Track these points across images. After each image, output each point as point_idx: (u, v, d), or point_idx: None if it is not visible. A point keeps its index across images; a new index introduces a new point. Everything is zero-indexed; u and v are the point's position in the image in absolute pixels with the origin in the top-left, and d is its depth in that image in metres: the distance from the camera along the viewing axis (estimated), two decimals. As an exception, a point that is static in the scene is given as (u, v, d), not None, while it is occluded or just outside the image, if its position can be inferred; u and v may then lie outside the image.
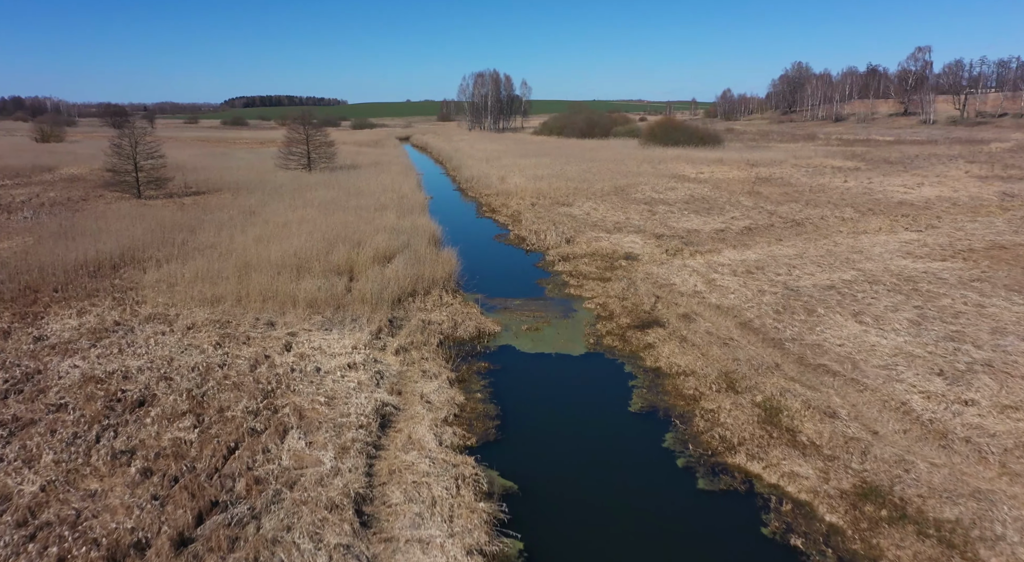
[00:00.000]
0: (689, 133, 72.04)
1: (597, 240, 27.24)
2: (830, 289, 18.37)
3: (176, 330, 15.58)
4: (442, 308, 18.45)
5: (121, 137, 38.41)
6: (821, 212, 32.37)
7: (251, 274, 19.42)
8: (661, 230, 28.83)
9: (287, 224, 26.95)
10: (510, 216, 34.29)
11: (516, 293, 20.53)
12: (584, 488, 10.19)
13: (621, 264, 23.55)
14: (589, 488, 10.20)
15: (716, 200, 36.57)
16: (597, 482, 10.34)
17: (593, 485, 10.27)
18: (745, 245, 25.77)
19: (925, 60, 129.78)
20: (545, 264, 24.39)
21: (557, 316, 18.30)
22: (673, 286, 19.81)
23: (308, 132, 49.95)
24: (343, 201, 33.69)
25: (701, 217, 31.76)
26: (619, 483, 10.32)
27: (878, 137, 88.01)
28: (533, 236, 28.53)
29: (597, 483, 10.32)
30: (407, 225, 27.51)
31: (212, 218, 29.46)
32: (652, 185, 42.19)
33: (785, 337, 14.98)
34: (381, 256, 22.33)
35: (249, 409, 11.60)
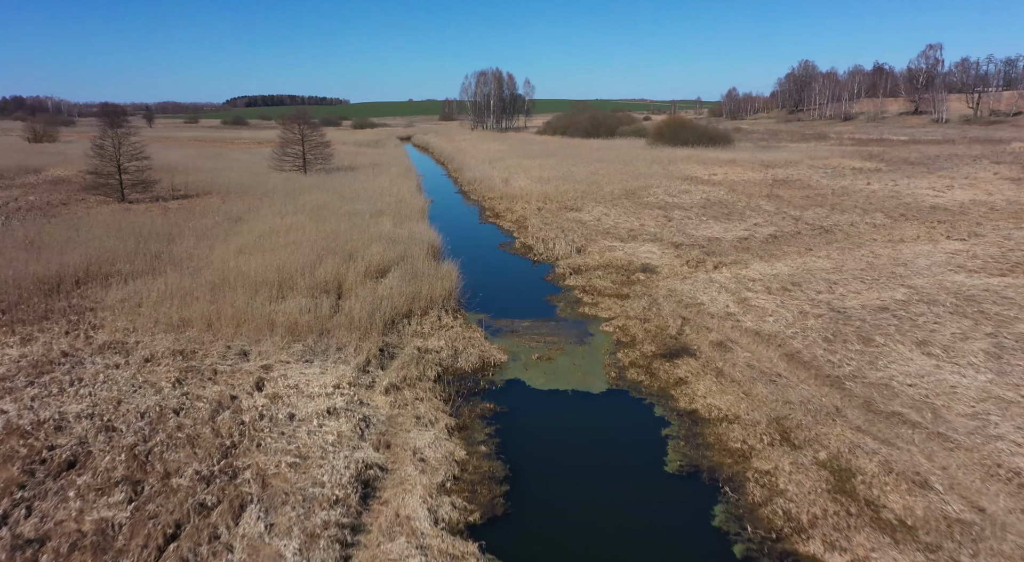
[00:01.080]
0: (698, 133, 69.75)
1: (611, 250, 25.02)
2: (883, 311, 16.13)
3: (132, 363, 13.42)
4: (441, 332, 16.27)
5: (103, 138, 36.31)
6: (850, 218, 30.09)
7: (227, 292, 17.27)
8: (679, 238, 26.60)
9: (274, 233, 24.79)
10: (515, 222, 32.10)
11: (524, 312, 18.34)
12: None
13: (639, 278, 21.34)
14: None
15: (735, 204, 34.32)
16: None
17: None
18: (773, 256, 23.53)
19: (936, 58, 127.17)
20: (555, 277, 22.18)
21: (571, 341, 16.10)
22: (701, 306, 17.58)
23: (303, 132, 47.81)
24: (336, 206, 31.53)
25: (721, 223, 29.52)
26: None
27: (892, 136, 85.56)
28: (541, 245, 26.33)
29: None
30: (404, 233, 25.33)
31: (195, 225, 27.34)
32: (665, 188, 39.94)
33: (843, 374, 12.76)
34: (374, 270, 20.16)
35: (201, 474, 9.42)
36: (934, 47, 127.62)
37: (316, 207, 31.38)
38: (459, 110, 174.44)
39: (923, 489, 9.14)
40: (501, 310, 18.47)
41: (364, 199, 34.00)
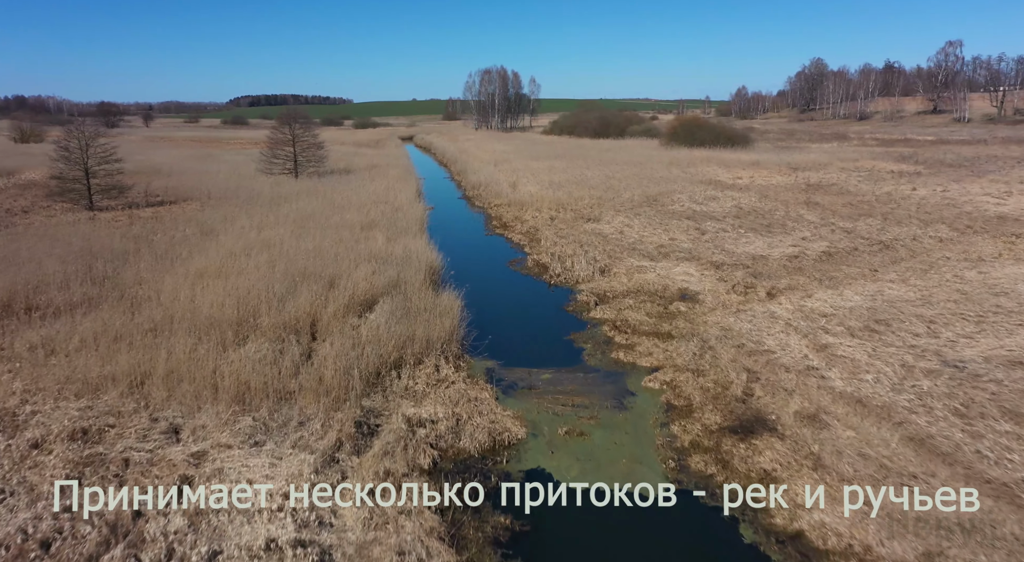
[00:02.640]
0: (715, 133, 65.97)
1: (640, 271, 21.33)
2: (1017, 366, 12.39)
3: (15, 448, 9.81)
4: (439, 390, 12.63)
5: (68, 139, 32.79)
6: (909, 230, 26.32)
7: (171, 335, 13.67)
8: (718, 256, 22.87)
9: (246, 251, 21.18)
10: (526, 234, 28.43)
11: (543, 358, 14.69)
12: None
13: (680, 309, 17.64)
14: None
15: (772, 213, 30.57)
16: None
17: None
18: (834, 279, 19.81)
19: (956, 55, 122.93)
20: (577, 307, 18.50)
21: (608, 404, 12.43)
22: (769, 353, 13.88)
23: (295, 132, 44.22)
24: (324, 216, 27.92)
25: (762, 237, 25.78)
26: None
27: (916, 136, 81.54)
28: (557, 264, 22.64)
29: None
30: (398, 251, 21.68)
31: (160, 240, 23.80)
32: (689, 194, 36.19)
33: (1012, 478, 9.04)
34: (359, 301, 16.53)
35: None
36: (954, 44, 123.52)
37: (301, 217, 27.77)
38: (463, 109, 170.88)
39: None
40: (514, 354, 14.82)
41: (356, 207, 30.37)
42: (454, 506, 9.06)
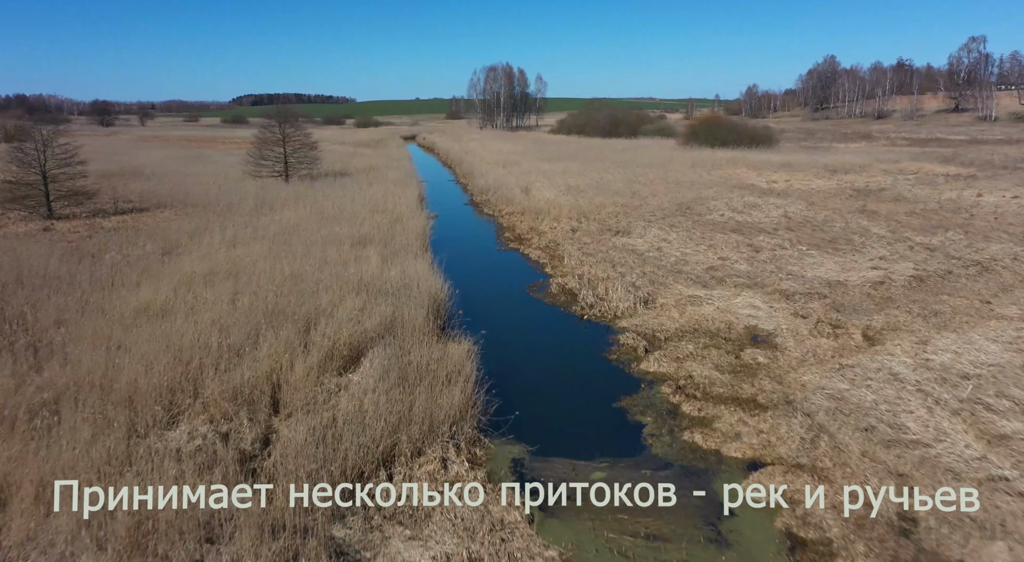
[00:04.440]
0: (738, 132, 61.78)
1: (693, 301, 17.25)
2: None
3: None
4: (447, 510, 8.60)
5: (21, 139, 28.90)
6: (1004, 248, 22.15)
7: (70, 413, 9.67)
8: (786, 282, 18.76)
9: (209, 276, 17.20)
10: (545, 249, 24.38)
11: (590, 441, 10.63)
12: None
13: (757, 360, 13.56)
14: None
15: (828, 225, 26.44)
16: None
17: None
18: (941, 315, 15.68)
19: (980, 51, 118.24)
20: (622, 354, 14.42)
21: (698, 535, 8.37)
22: (918, 446, 9.77)
23: (285, 131, 40.24)
24: (310, 230, 23.91)
25: (830, 256, 21.65)
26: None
27: (947, 136, 77.15)
28: (587, 290, 18.56)
29: None
30: (396, 276, 17.64)
31: (110, 259, 19.83)
32: (725, 200, 32.08)
33: None
34: (342, 354, 12.51)
35: None
36: (977, 40, 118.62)
37: (283, 230, 23.76)
38: (466, 108, 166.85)
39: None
40: (550, 434, 10.78)
41: (349, 218, 26.35)
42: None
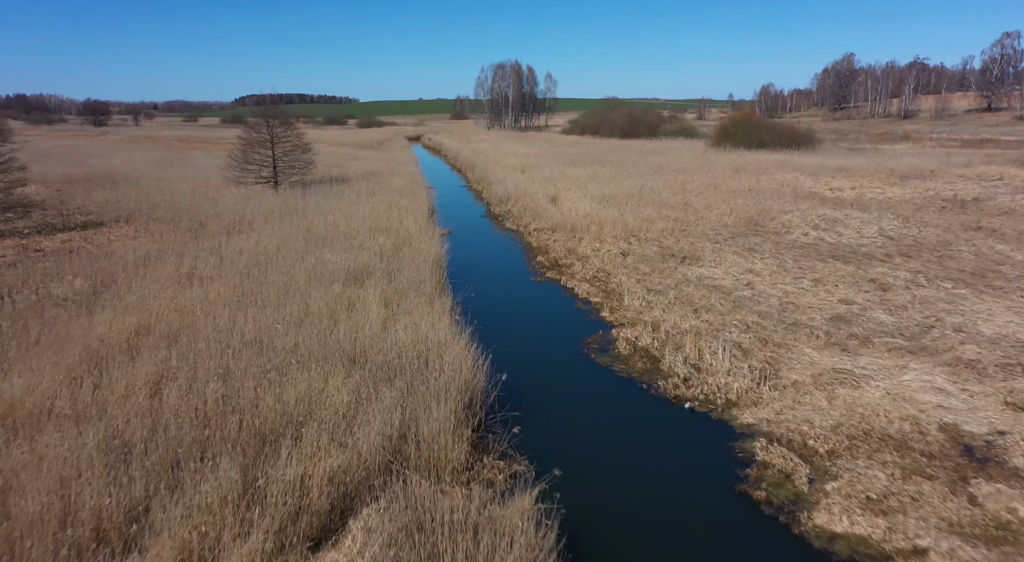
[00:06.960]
0: (776, 133, 56.30)
1: (843, 380, 11.80)
2: None
3: None
4: None
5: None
6: None
7: None
8: (967, 347, 13.26)
9: (135, 341, 11.87)
10: (593, 281, 18.99)
11: None
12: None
13: (1007, 506, 8.14)
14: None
15: (949, 248, 20.95)
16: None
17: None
18: None
19: (1014, 47, 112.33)
20: (772, 487, 8.99)
21: None
22: None
23: (274, 131, 34.91)
24: (293, 258, 18.53)
25: (991, 298, 16.19)
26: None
27: (999, 137, 71.41)
28: (675, 355, 13.11)
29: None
30: (405, 340, 12.23)
31: (6, 309, 14.55)
32: (800, 214, 26.65)
33: None
34: (315, 509, 7.13)
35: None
36: (1011, 35, 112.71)
37: (259, 259, 18.38)
38: (472, 108, 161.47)
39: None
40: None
41: (343, 239, 21.01)
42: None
